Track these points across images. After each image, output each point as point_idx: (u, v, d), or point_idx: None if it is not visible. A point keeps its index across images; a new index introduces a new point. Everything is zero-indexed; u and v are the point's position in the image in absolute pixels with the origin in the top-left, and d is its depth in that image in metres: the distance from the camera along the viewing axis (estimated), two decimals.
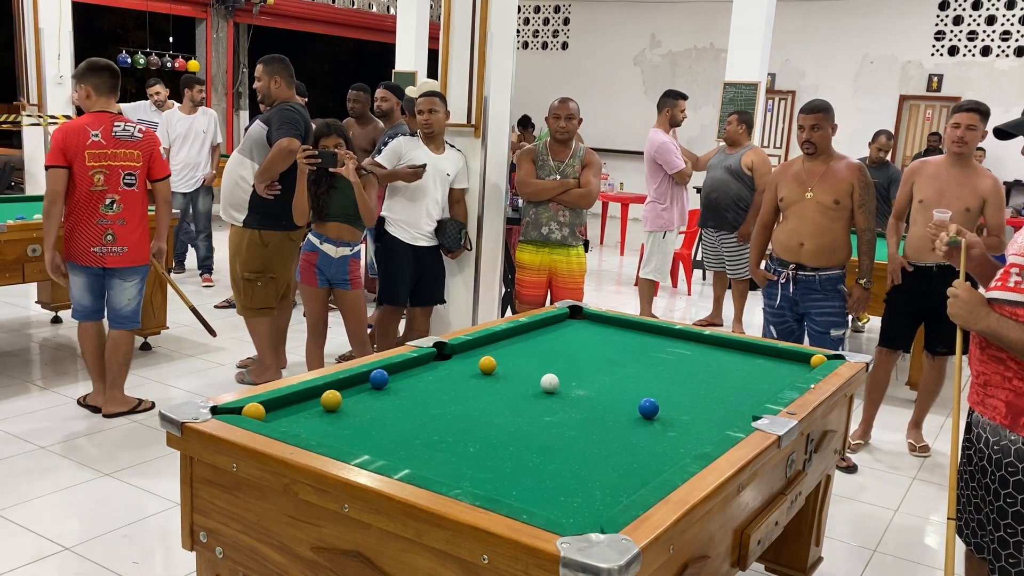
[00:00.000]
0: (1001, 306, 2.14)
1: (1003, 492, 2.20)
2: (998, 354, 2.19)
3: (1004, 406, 2.17)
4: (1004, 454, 2.17)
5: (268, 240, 4.53)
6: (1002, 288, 2.17)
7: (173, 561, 2.96)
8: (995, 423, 2.20)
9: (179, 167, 7.13)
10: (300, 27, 13.46)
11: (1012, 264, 2.19)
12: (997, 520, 2.23)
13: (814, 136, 4.02)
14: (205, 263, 7.49)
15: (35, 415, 4.26)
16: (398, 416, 2.22)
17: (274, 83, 4.54)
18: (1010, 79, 11.60)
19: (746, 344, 3.13)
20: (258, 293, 4.61)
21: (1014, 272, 2.16)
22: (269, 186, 4.47)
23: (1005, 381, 2.18)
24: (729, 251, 6.65)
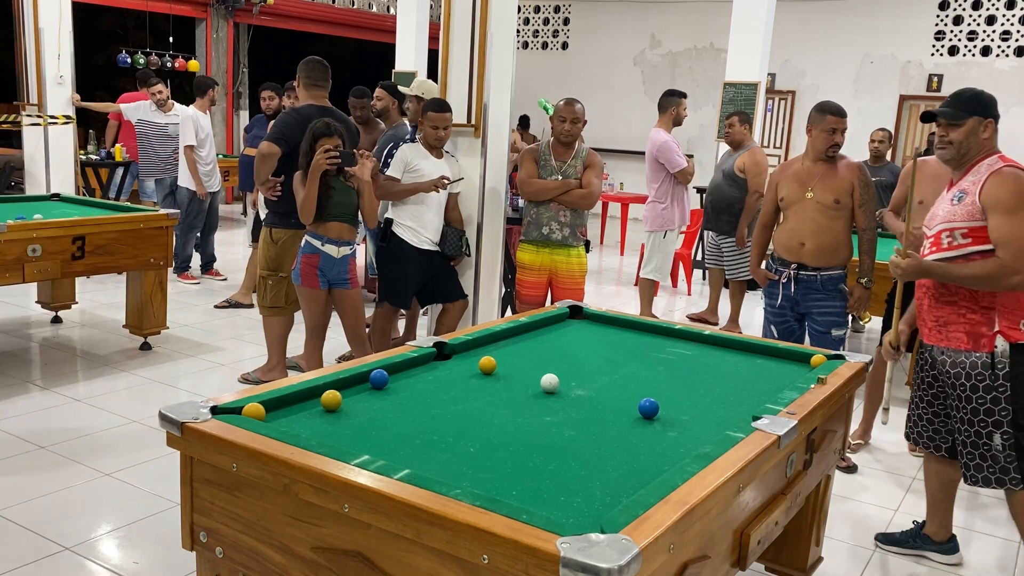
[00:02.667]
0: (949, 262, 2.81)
1: (974, 396, 2.91)
2: (951, 298, 2.87)
3: (965, 336, 2.88)
4: (972, 368, 2.88)
5: (277, 237, 4.62)
6: (938, 251, 2.86)
7: (173, 561, 2.96)
8: (958, 349, 2.90)
9: (209, 166, 7.27)
10: (300, 27, 13.46)
11: (941, 231, 2.87)
12: (971, 419, 2.94)
13: (842, 140, 4.03)
14: (211, 260, 7.63)
15: (35, 415, 4.26)
16: (398, 416, 2.22)
17: (298, 85, 4.71)
18: (1010, 79, 11.59)
19: (746, 344, 3.13)
20: (269, 291, 4.67)
21: (944, 236, 2.84)
22: (270, 188, 4.53)
23: (961, 317, 2.88)
24: (728, 254, 6.65)
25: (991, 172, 2.83)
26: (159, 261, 5.31)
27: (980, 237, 2.79)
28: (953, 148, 2.92)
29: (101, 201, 6.20)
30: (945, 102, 2.96)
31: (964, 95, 2.96)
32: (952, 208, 2.86)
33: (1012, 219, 2.73)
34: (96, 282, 7.05)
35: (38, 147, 7.61)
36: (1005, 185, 2.76)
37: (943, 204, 2.92)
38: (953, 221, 2.84)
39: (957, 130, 2.89)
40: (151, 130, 7.72)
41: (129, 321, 5.46)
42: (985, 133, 2.90)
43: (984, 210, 2.78)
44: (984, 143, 2.92)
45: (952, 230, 2.83)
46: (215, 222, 7.63)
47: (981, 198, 2.80)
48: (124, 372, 5.00)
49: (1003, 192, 2.75)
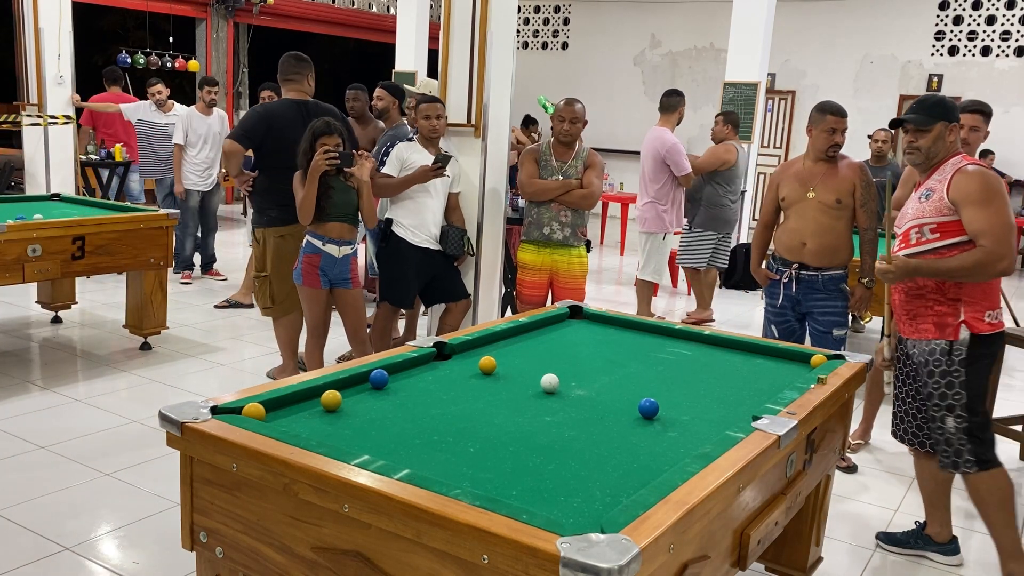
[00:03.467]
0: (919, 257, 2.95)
1: (930, 381, 3.05)
2: (919, 292, 3.01)
3: (933, 326, 3.01)
4: (931, 355, 3.03)
5: (259, 237, 4.67)
6: (907, 247, 3.01)
7: (173, 561, 2.96)
8: (925, 339, 3.04)
9: (199, 166, 7.25)
10: (300, 27, 13.46)
11: (910, 227, 3.02)
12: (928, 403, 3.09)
13: (842, 140, 4.03)
14: (212, 259, 7.62)
15: (35, 415, 4.26)
16: (398, 416, 2.22)
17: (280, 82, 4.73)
18: (1010, 79, 11.60)
19: (746, 344, 3.13)
20: (260, 292, 4.67)
21: (913, 232, 3.00)
22: (243, 182, 4.67)
23: (929, 309, 3.01)
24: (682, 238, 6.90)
25: (956, 170, 2.95)
26: (159, 261, 5.31)
27: (948, 231, 2.92)
28: (921, 153, 3.05)
29: (101, 201, 6.20)
30: (912, 109, 3.06)
31: (929, 101, 3.08)
32: (920, 205, 2.99)
33: (986, 209, 2.85)
34: (96, 282, 7.05)
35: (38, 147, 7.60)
36: (972, 180, 2.89)
37: (912, 203, 3.05)
38: (922, 217, 2.97)
39: (925, 136, 3.01)
40: (151, 130, 7.72)
41: (129, 321, 5.46)
42: (951, 137, 3.04)
43: (954, 206, 2.91)
44: (950, 146, 3.05)
45: (921, 226, 2.97)
46: (213, 222, 7.59)
47: (949, 195, 2.93)
48: (124, 372, 5.00)
49: (972, 187, 2.88)
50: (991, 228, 2.83)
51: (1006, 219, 2.86)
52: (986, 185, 2.88)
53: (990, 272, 2.87)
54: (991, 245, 2.83)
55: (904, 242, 3.04)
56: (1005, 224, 2.85)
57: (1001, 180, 2.96)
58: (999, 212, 2.85)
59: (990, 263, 2.84)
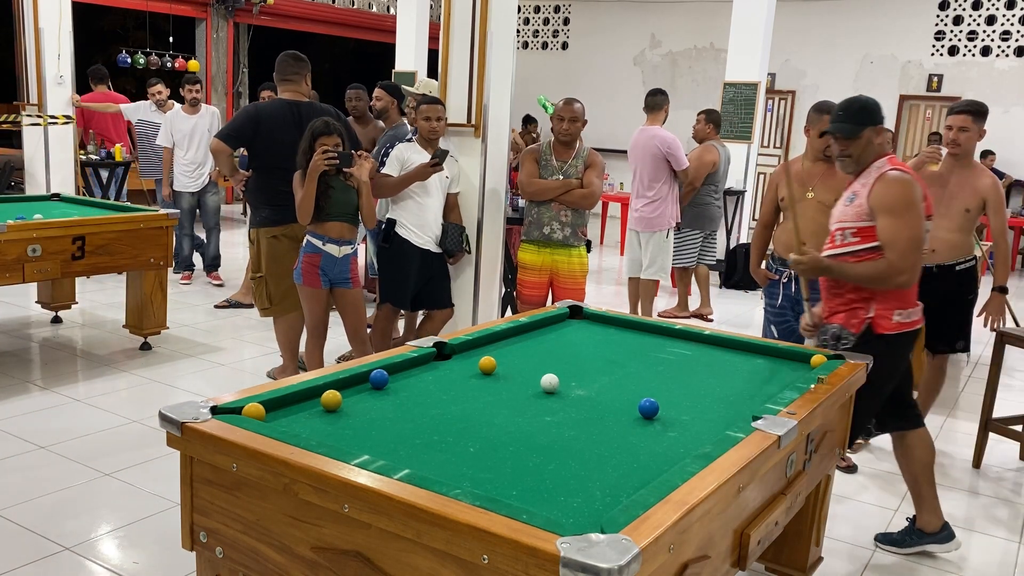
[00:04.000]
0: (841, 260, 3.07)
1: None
2: (837, 291, 3.14)
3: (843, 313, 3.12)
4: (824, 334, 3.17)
5: (254, 237, 4.66)
6: (832, 247, 3.13)
7: (173, 561, 2.96)
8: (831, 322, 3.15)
9: (186, 166, 7.17)
10: (300, 27, 13.46)
11: (836, 229, 3.13)
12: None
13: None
14: (214, 261, 7.50)
15: (35, 415, 4.26)
16: (398, 416, 2.22)
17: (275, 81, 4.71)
18: (1010, 79, 11.60)
19: (746, 344, 3.13)
20: (257, 293, 4.66)
21: (838, 234, 3.11)
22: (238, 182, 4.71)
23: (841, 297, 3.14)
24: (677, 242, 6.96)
25: (878, 176, 3.00)
26: (159, 261, 5.31)
27: (867, 236, 3.02)
28: (853, 160, 3.08)
29: (101, 201, 6.20)
30: (837, 117, 3.09)
31: (854, 107, 3.10)
32: (844, 209, 3.10)
33: (897, 221, 2.94)
34: (96, 282, 7.05)
35: (38, 147, 7.61)
36: (890, 189, 2.97)
37: (839, 205, 3.15)
38: (844, 221, 3.08)
39: (855, 143, 3.06)
40: (151, 130, 7.72)
41: (129, 321, 5.47)
42: (878, 139, 3.10)
43: (872, 212, 2.99)
44: (878, 148, 3.10)
45: (843, 229, 3.08)
46: (213, 222, 7.45)
47: (869, 201, 3.00)
48: (124, 372, 5.00)
49: (888, 196, 2.96)
50: (896, 242, 2.93)
51: (913, 233, 2.94)
52: (902, 196, 2.95)
53: (889, 284, 2.98)
54: (894, 259, 2.94)
55: (831, 242, 3.15)
56: (911, 239, 2.94)
57: (919, 187, 3.01)
58: (909, 226, 2.94)
59: (890, 276, 2.95)
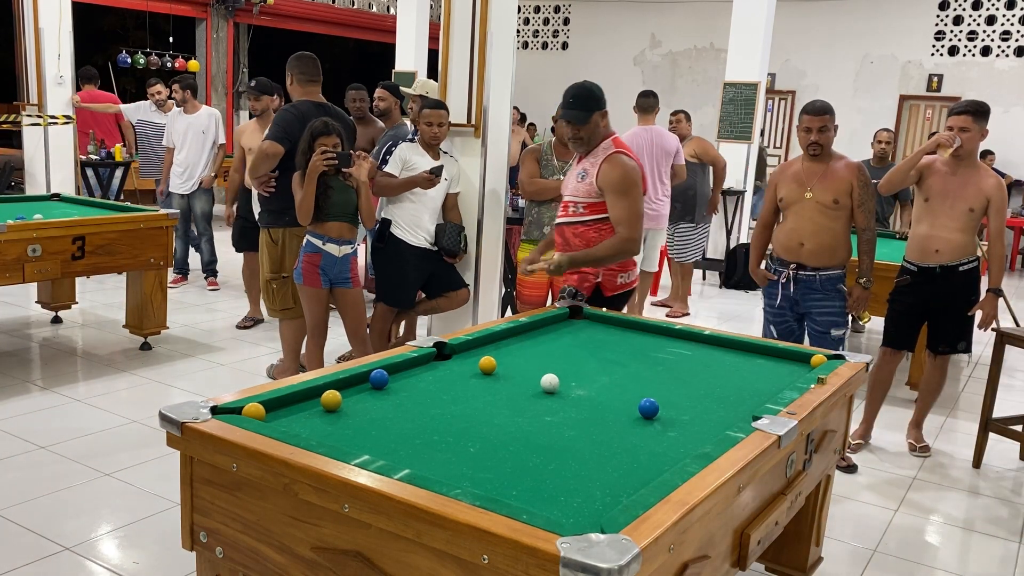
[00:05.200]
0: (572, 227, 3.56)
1: None
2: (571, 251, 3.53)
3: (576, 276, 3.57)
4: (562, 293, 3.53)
5: (276, 237, 4.58)
6: (566, 216, 3.60)
7: (173, 561, 2.96)
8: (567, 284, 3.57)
9: (177, 167, 7.12)
10: (300, 27, 13.46)
11: (569, 201, 3.58)
12: None
13: (821, 138, 4.01)
14: (209, 267, 7.41)
15: (35, 415, 4.26)
16: (398, 416, 2.22)
17: (288, 82, 4.63)
18: (1010, 79, 11.60)
19: (746, 344, 3.13)
20: (276, 294, 4.61)
21: (571, 206, 3.56)
22: (264, 183, 4.52)
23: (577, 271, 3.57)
24: (679, 236, 7.33)
25: (605, 157, 3.44)
26: (159, 261, 5.31)
27: (595, 209, 3.50)
28: (583, 142, 3.50)
29: (101, 201, 6.20)
30: (568, 103, 3.47)
31: (583, 95, 3.47)
32: (577, 185, 3.54)
33: (624, 199, 3.41)
34: (96, 282, 7.05)
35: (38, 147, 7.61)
36: (615, 170, 3.42)
37: (571, 179, 3.58)
38: (577, 196, 3.54)
39: (586, 127, 3.44)
40: (151, 130, 7.72)
41: (129, 321, 5.47)
42: (604, 122, 3.54)
43: (601, 190, 3.43)
44: (604, 130, 3.54)
45: (576, 203, 3.55)
46: (202, 227, 7.28)
47: (598, 181, 3.44)
48: (124, 372, 5.00)
49: (614, 177, 3.42)
50: (627, 218, 3.41)
51: (638, 208, 3.46)
52: (625, 176, 3.42)
53: (626, 255, 3.52)
54: (627, 234, 3.41)
55: (564, 211, 3.62)
56: (637, 214, 3.45)
57: (638, 167, 3.48)
58: (634, 203, 3.45)
59: (627, 249, 3.45)
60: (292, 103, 4.57)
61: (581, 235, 3.54)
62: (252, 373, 5.10)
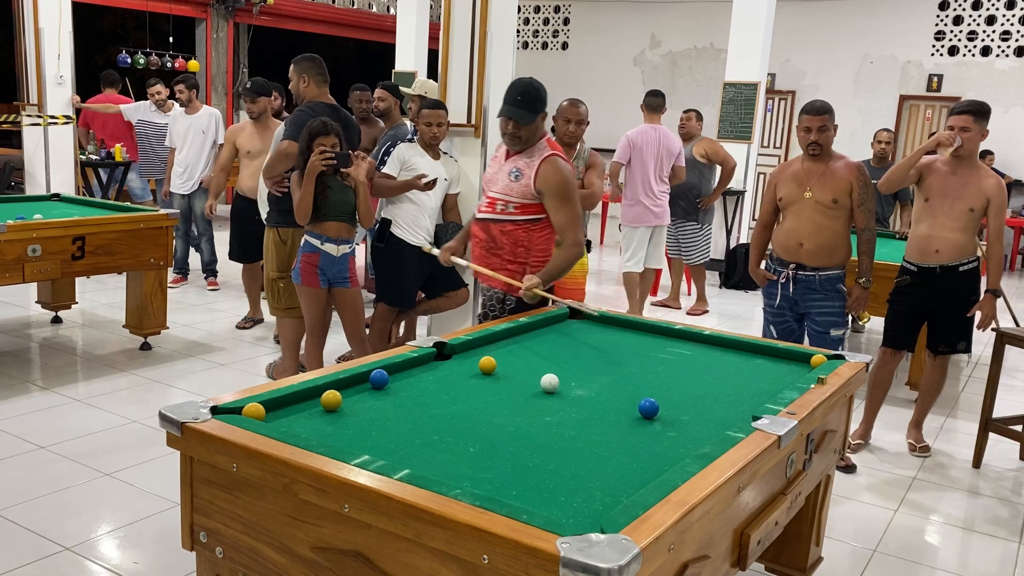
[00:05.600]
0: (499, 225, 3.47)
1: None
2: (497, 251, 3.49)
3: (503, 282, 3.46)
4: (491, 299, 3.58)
5: (286, 237, 4.60)
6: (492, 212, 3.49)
7: (173, 561, 2.96)
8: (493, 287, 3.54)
9: (177, 167, 7.12)
10: (300, 27, 13.46)
11: (497, 199, 3.46)
12: None
13: (821, 138, 4.01)
14: (209, 267, 7.41)
15: (35, 415, 4.26)
16: (398, 416, 2.22)
17: (302, 82, 4.59)
18: (1010, 79, 11.59)
19: (746, 344, 3.13)
20: (283, 293, 4.62)
21: (500, 203, 3.46)
22: (277, 184, 4.52)
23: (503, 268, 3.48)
24: (686, 239, 7.37)
25: (543, 159, 3.36)
26: (159, 261, 5.31)
27: (528, 210, 3.43)
28: (521, 141, 3.40)
29: (101, 201, 6.20)
30: (516, 101, 3.35)
31: (531, 95, 3.36)
32: (510, 183, 3.43)
33: (567, 205, 3.37)
34: (96, 282, 7.05)
35: (38, 147, 7.61)
36: (556, 175, 3.36)
37: (501, 175, 3.47)
38: (510, 195, 3.43)
39: (528, 127, 3.36)
40: (151, 130, 7.71)
41: (129, 321, 5.47)
42: (542, 122, 3.49)
43: (539, 193, 3.37)
44: (540, 130, 3.48)
45: (507, 201, 3.43)
46: (202, 228, 7.28)
47: (536, 183, 3.36)
48: (124, 372, 5.00)
49: (555, 182, 3.35)
50: (571, 224, 3.38)
51: (579, 212, 3.46)
52: (566, 180, 3.37)
53: (576, 260, 3.47)
54: (573, 238, 3.38)
55: (491, 207, 3.50)
56: (578, 217, 3.45)
57: (572, 170, 3.46)
58: (575, 207, 3.42)
59: (577, 254, 3.43)
60: (307, 103, 4.55)
61: (510, 234, 3.47)
62: (252, 373, 5.10)
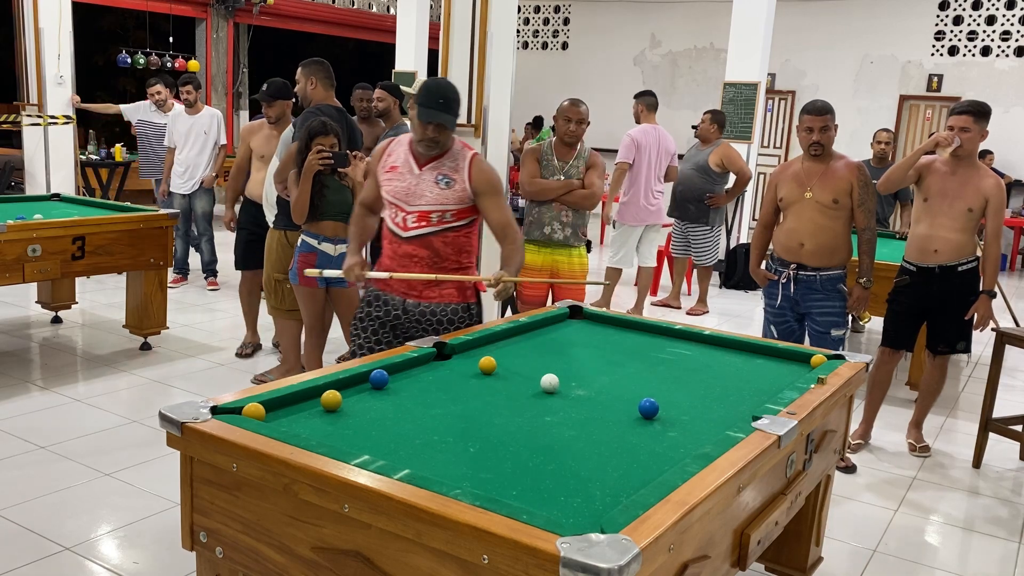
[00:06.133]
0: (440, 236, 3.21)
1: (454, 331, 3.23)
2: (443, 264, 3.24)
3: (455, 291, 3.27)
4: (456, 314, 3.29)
5: (293, 240, 4.57)
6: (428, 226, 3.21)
7: (173, 561, 2.96)
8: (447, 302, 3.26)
9: (178, 167, 7.12)
10: (300, 27, 13.46)
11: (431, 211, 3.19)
12: None
13: (823, 138, 4.02)
14: (209, 267, 7.41)
15: (35, 415, 4.26)
16: (398, 416, 2.22)
17: (310, 84, 4.60)
18: (1010, 79, 11.60)
19: (746, 344, 3.13)
20: (286, 294, 4.61)
21: (434, 215, 3.19)
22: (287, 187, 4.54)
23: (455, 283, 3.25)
24: (697, 240, 7.36)
25: (470, 160, 3.21)
26: (159, 261, 5.31)
27: (464, 214, 3.23)
28: (439, 146, 3.19)
29: (101, 201, 6.20)
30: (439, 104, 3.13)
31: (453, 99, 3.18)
32: (442, 192, 3.19)
33: (502, 199, 3.29)
34: (96, 282, 7.05)
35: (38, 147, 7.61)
36: (488, 172, 3.24)
37: (426, 186, 3.19)
38: (446, 204, 3.19)
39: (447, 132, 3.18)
40: (151, 130, 7.71)
41: (129, 321, 5.47)
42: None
43: (475, 194, 3.20)
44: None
45: (444, 211, 3.20)
46: (202, 227, 7.29)
47: (472, 185, 3.19)
48: (124, 372, 5.00)
49: (489, 179, 3.22)
50: (510, 217, 3.27)
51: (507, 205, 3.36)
52: (496, 175, 3.28)
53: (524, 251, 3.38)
54: (517, 230, 3.27)
55: (423, 221, 3.21)
56: (510, 209, 3.34)
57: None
58: (504, 199, 3.34)
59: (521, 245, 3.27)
60: (316, 106, 4.55)
61: (452, 242, 3.24)
62: (252, 373, 5.10)
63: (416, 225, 3.22)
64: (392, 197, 3.25)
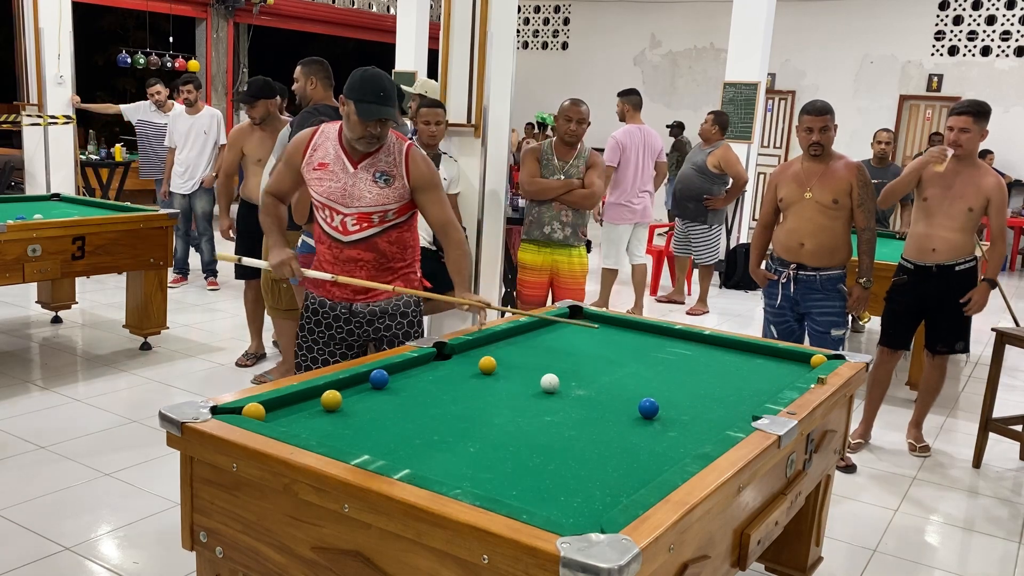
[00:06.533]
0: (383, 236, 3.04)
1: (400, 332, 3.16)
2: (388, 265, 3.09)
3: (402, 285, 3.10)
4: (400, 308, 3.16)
5: (292, 240, 4.57)
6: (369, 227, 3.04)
7: (173, 561, 2.96)
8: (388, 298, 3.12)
9: (178, 167, 7.13)
10: (300, 27, 13.46)
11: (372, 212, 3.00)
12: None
13: (823, 138, 4.02)
14: (209, 267, 7.43)
15: (35, 415, 4.26)
16: (398, 416, 2.22)
17: (309, 84, 4.58)
18: (1010, 79, 11.60)
19: (746, 344, 3.13)
20: (284, 294, 4.62)
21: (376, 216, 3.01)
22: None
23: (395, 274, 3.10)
24: (696, 239, 7.41)
25: (405, 153, 3.02)
26: (159, 261, 5.31)
27: (404, 210, 3.07)
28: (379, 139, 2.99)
29: (101, 201, 6.20)
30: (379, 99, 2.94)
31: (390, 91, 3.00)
32: (382, 191, 2.99)
33: (442, 192, 3.13)
34: (96, 282, 7.05)
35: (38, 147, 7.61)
36: (424, 165, 3.05)
37: (363, 185, 2.99)
38: (387, 203, 3.00)
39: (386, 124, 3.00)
40: (151, 130, 7.71)
41: (129, 321, 5.47)
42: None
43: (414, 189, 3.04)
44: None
45: (386, 210, 3.02)
46: (202, 227, 7.30)
47: (411, 180, 3.01)
48: (124, 372, 5.00)
49: (426, 172, 3.04)
50: (450, 215, 3.13)
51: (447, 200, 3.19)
52: (432, 169, 3.09)
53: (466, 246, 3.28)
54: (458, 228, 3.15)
55: (365, 222, 3.01)
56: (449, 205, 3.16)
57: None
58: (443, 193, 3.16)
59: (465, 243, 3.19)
60: (315, 106, 4.54)
61: (397, 240, 3.08)
62: (252, 373, 5.10)
63: (357, 228, 3.02)
64: (325, 199, 3.01)
